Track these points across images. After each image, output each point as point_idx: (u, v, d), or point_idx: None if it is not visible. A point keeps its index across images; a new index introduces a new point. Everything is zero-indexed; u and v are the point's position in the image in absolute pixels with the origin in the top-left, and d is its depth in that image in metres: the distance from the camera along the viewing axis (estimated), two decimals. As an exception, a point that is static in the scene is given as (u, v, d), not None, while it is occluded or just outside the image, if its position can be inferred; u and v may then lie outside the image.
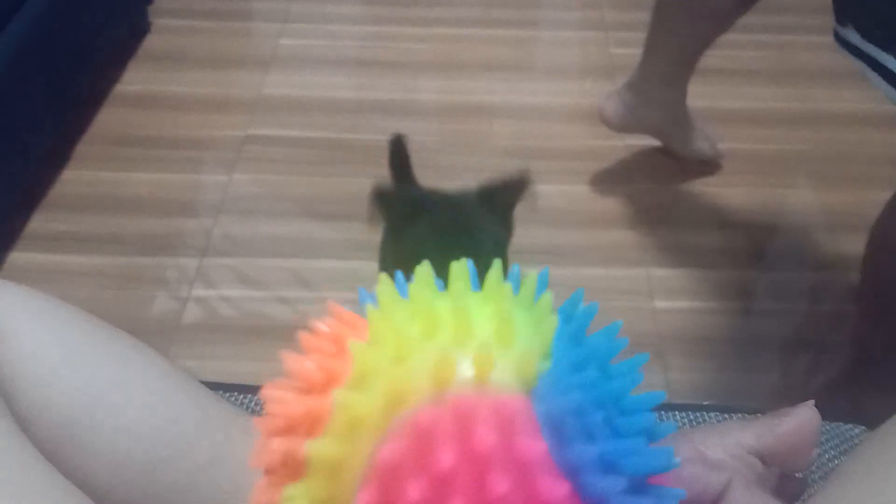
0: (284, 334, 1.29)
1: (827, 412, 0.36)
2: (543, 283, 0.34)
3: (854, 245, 1.25)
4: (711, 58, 1.56)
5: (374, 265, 1.05)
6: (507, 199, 0.80)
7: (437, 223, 0.75)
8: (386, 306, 0.32)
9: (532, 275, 0.34)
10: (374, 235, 1.24)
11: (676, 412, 0.54)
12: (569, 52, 1.64)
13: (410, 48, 1.61)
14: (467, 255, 0.39)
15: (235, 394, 0.54)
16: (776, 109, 1.48)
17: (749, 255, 1.24)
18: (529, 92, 1.52)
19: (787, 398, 1.04)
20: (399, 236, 0.80)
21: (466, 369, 0.28)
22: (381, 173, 1.37)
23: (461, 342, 0.29)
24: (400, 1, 1.73)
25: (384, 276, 0.33)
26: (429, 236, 0.74)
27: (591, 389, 0.29)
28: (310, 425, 0.30)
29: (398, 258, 0.79)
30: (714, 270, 1.19)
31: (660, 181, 1.33)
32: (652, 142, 1.38)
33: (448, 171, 1.29)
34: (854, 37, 0.73)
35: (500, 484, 0.26)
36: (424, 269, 0.33)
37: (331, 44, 1.62)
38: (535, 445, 0.27)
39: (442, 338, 0.29)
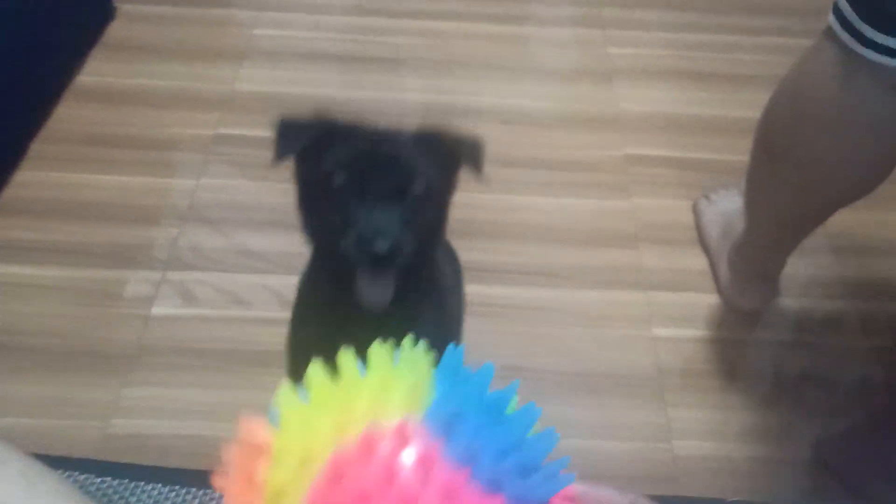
0: (255, 359, 1.20)
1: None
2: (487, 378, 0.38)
3: (867, 267, 1.24)
4: (712, 62, 1.50)
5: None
6: (453, 151, 0.67)
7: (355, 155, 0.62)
8: (284, 422, 0.35)
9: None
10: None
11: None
12: (563, 51, 1.55)
13: (395, 43, 1.51)
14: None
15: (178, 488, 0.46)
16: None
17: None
18: (520, 94, 1.43)
19: (798, 441, 0.97)
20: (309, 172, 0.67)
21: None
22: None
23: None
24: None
25: (282, 389, 0.36)
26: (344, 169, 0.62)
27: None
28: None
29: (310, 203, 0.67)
30: (716, 295, 1.12)
31: (659, 195, 1.25)
32: (652, 152, 1.31)
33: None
34: None
35: None
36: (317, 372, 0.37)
37: (310, 36, 1.52)
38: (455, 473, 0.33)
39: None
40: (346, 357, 0.37)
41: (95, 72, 1.40)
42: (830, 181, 0.86)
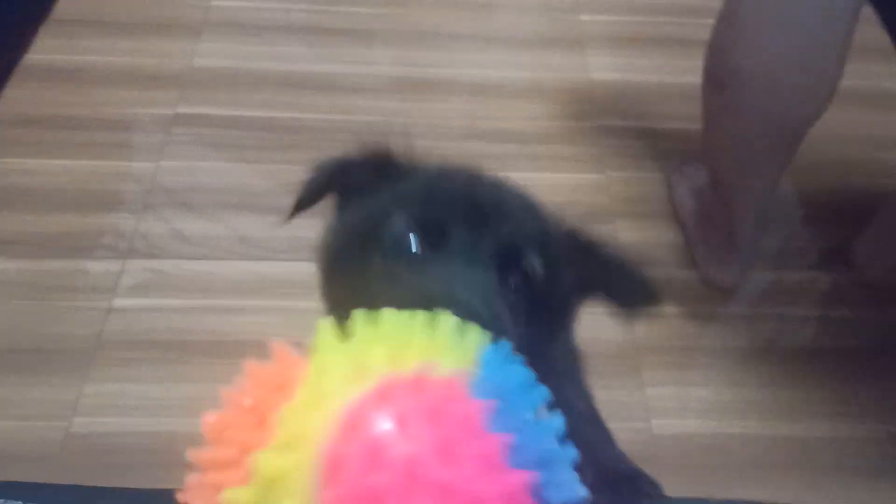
0: (219, 351, 1.16)
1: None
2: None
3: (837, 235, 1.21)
4: (686, 27, 1.46)
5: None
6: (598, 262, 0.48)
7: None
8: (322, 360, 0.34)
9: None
10: (317, 231, 1.13)
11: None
12: (534, 19, 1.50)
13: (361, 13, 1.45)
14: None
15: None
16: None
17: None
18: (491, 64, 1.38)
19: (769, 417, 0.97)
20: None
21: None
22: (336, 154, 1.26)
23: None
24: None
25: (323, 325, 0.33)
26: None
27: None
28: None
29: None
30: (691, 269, 1.11)
31: (633, 168, 1.23)
32: (626, 123, 1.28)
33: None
34: None
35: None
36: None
37: (271, 6, 1.45)
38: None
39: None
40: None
41: (42, 49, 1.32)
42: (779, 94, 0.84)
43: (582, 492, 0.32)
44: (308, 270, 1.10)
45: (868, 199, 1.17)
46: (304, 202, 0.50)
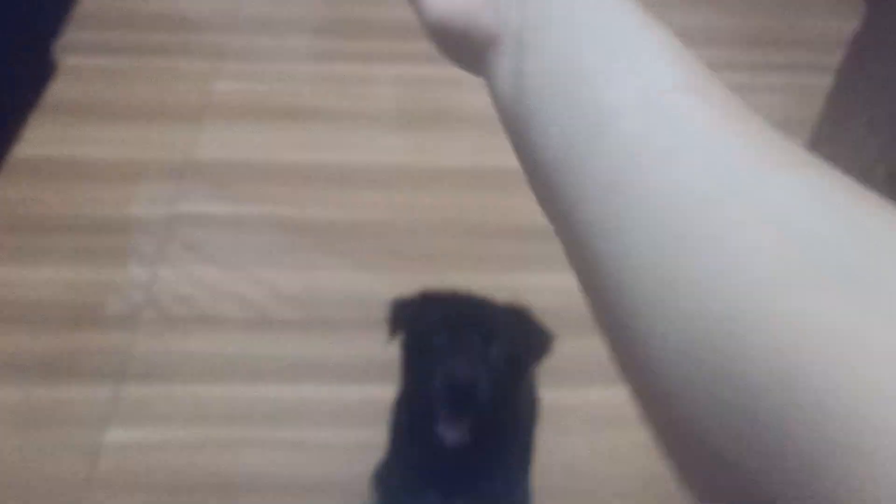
0: (222, 493, 1.02)
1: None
2: None
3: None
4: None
5: (328, 390, 0.84)
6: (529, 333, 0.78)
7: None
8: None
9: None
10: (331, 350, 1.03)
11: None
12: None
13: (369, 93, 1.38)
14: None
15: None
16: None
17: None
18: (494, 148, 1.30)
19: None
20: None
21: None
22: (343, 262, 1.17)
23: None
24: (354, 30, 1.49)
25: None
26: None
27: None
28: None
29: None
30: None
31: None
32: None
33: (424, 260, 1.08)
34: None
35: None
36: None
37: (276, 88, 1.37)
38: None
39: None
40: None
41: (34, 140, 1.24)
42: None
43: None
44: (321, 396, 1.01)
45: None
46: (391, 334, 0.76)
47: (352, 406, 0.93)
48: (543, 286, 0.90)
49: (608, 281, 0.16)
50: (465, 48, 0.21)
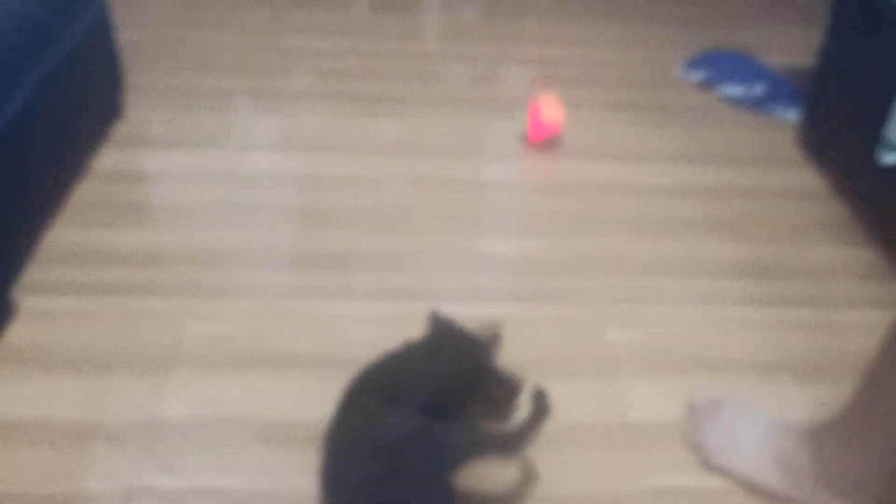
0: None
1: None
2: None
3: None
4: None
5: None
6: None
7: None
8: None
9: None
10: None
11: None
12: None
13: (344, 333, 1.29)
14: None
15: None
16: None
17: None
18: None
19: None
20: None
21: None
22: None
23: None
24: (332, 263, 1.44)
25: None
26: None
27: None
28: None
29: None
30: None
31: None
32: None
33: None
34: None
35: None
36: None
37: (250, 332, 1.28)
38: None
39: None
40: None
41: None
42: None
43: None
44: None
45: None
46: None
47: None
48: None
49: None
50: None
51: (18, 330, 1.24)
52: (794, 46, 2.38)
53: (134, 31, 2.26)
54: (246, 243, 1.46)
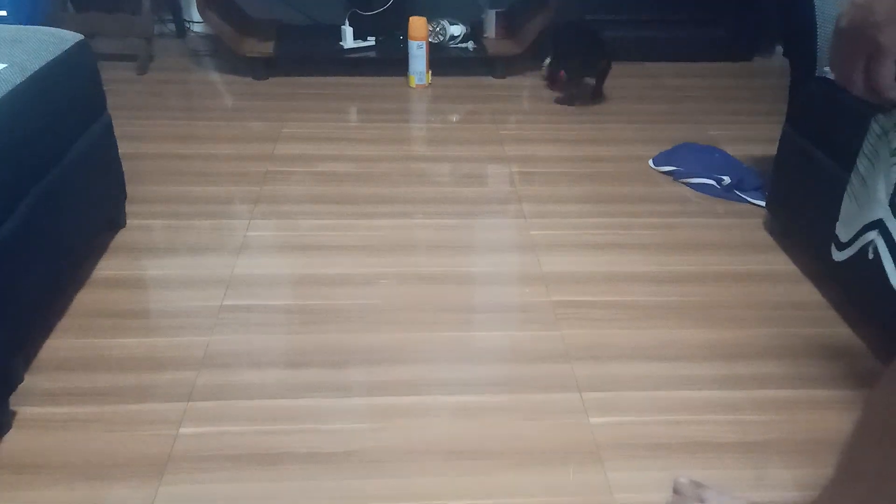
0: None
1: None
2: None
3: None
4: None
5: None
6: None
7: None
8: None
9: None
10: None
11: None
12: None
13: (346, 434, 1.32)
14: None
15: None
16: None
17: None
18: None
19: None
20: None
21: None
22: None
23: None
24: (331, 360, 1.48)
25: None
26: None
27: None
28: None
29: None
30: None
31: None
32: None
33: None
34: None
35: None
36: None
37: (245, 430, 1.31)
38: None
39: None
40: None
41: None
42: None
43: None
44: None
45: None
46: None
47: None
48: None
49: None
50: None
51: (14, 438, 1.26)
52: (758, 138, 2.53)
53: (134, 144, 2.40)
54: (242, 345, 1.52)
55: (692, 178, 2.23)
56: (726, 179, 2.18)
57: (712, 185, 2.19)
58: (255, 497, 1.16)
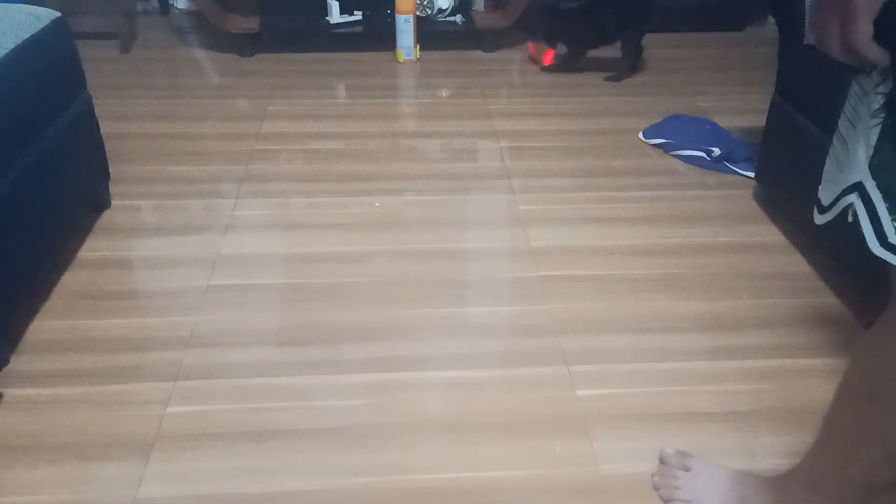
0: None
1: None
2: None
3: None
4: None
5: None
6: None
7: None
8: None
9: None
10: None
11: None
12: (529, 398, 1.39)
13: (337, 407, 1.32)
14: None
15: None
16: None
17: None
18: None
19: None
20: None
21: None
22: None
23: None
24: (322, 336, 1.48)
25: None
26: None
27: None
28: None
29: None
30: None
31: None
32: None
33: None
34: None
35: None
36: None
37: (230, 408, 1.31)
38: None
39: None
40: None
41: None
42: None
43: None
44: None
45: None
46: None
47: None
48: None
49: None
50: None
51: (1, 420, 1.26)
52: (748, 109, 2.52)
53: (117, 124, 2.37)
54: (230, 324, 1.51)
55: (682, 150, 2.22)
56: (716, 151, 2.17)
57: (702, 157, 2.18)
58: (244, 473, 1.17)
